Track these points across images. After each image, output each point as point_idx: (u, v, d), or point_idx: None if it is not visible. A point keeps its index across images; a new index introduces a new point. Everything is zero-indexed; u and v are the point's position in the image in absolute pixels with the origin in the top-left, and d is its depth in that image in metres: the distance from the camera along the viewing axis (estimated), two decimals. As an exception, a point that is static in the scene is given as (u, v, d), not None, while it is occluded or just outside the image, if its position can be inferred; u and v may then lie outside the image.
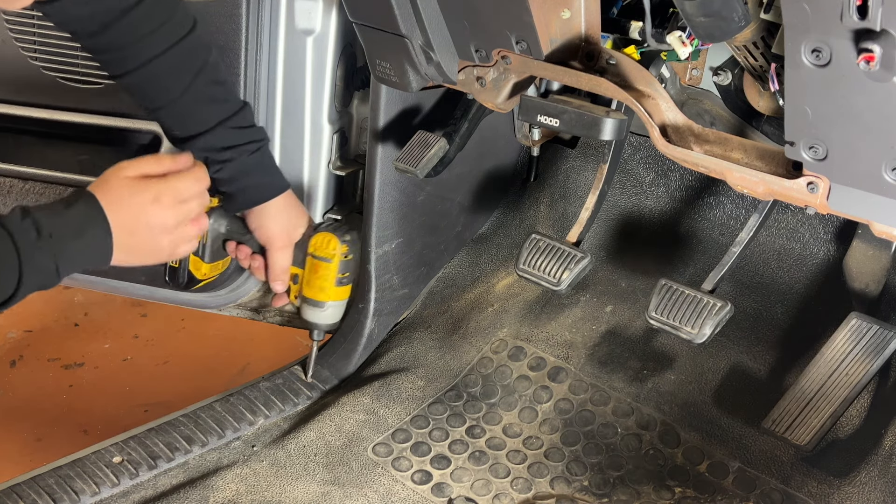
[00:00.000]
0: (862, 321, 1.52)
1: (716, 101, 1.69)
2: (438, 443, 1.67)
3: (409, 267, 1.91)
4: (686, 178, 1.92)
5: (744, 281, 1.81)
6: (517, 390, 1.76)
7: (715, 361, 1.73)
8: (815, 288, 1.76)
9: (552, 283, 1.62)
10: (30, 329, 2.72)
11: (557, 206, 2.04)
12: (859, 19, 1.02)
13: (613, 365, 1.77)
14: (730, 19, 1.22)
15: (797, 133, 1.22)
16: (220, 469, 1.60)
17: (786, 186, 1.29)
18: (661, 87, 1.40)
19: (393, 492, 1.57)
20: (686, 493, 1.54)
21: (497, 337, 1.87)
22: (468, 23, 1.47)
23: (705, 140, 1.39)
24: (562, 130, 1.73)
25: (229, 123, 1.58)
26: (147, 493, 1.55)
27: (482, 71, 1.54)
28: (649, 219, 1.96)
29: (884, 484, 1.46)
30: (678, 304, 1.49)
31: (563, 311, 1.88)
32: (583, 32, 1.42)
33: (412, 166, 1.69)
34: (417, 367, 1.82)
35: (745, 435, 1.61)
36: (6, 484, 1.52)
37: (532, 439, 1.67)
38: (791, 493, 1.52)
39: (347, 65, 1.82)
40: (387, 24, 1.52)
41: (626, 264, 1.94)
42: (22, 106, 1.89)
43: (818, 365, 1.51)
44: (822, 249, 1.77)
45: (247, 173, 1.61)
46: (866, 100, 1.11)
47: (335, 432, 1.67)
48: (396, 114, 1.75)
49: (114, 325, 2.79)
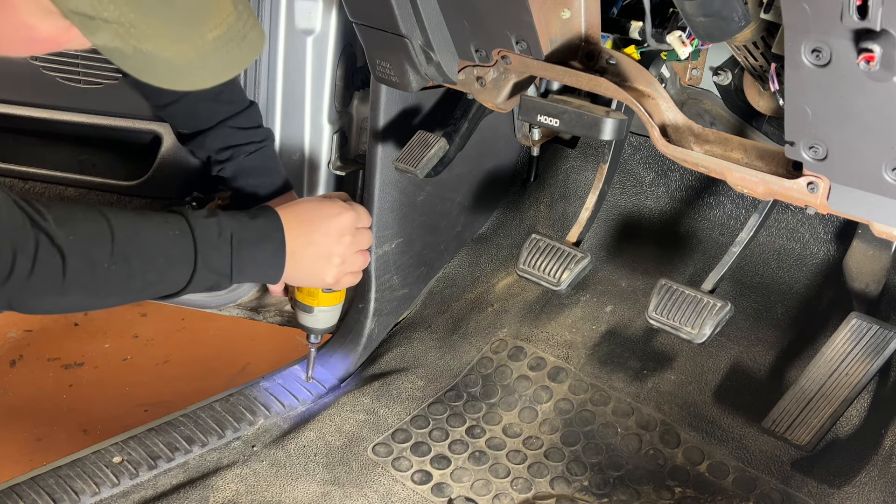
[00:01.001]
0: (862, 321, 1.52)
1: (716, 101, 1.69)
2: (438, 443, 1.67)
3: (409, 267, 1.91)
4: (686, 178, 1.92)
5: (744, 281, 1.81)
6: (517, 390, 1.76)
7: (715, 361, 1.72)
8: (815, 288, 1.76)
9: (552, 283, 1.62)
10: (30, 329, 2.72)
11: (557, 206, 2.04)
12: (859, 19, 1.02)
13: (613, 365, 1.77)
14: (730, 19, 1.21)
15: (797, 133, 1.22)
16: (219, 469, 1.60)
17: (786, 186, 1.29)
18: (661, 86, 1.40)
19: (393, 492, 1.57)
20: (686, 493, 1.54)
21: (497, 337, 1.87)
22: (468, 23, 1.47)
23: (705, 140, 1.39)
24: (562, 130, 1.73)
25: (231, 123, 1.59)
26: (147, 493, 1.55)
27: (482, 71, 1.54)
28: (649, 219, 1.96)
29: (884, 484, 1.46)
30: (678, 304, 1.49)
31: (563, 311, 1.88)
32: (583, 32, 1.42)
33: (412, 166, 1.69)
34: (417, 367, 1.82)
35: (745, 435, 1.61)
36: (6, 484, 1.52)
37: (532, 439, 1.67)
38: (791, 493, 1.52)
39: (347, 65, 1.82)
40: (387, 23, 1.52)
41: (626, 264, 1.94)
42: (22, 106, 1.89)
43: (818, 365, 1.51)
44: (822, 249, 1.77)
45: (245, 174, 1.62)
46: (866, 100, 1.11)
47: (335, 432, 1.67)
48: (396, 114, 1.75)
49: (114, 324, 2.79)
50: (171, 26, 0.96)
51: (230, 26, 1.00)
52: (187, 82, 1.02)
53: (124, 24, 0.93)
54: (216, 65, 1.02)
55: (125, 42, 0.94)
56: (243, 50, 1.03)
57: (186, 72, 1.00)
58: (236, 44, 1.02)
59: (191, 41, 0.98)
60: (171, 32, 0.96)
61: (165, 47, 0.97)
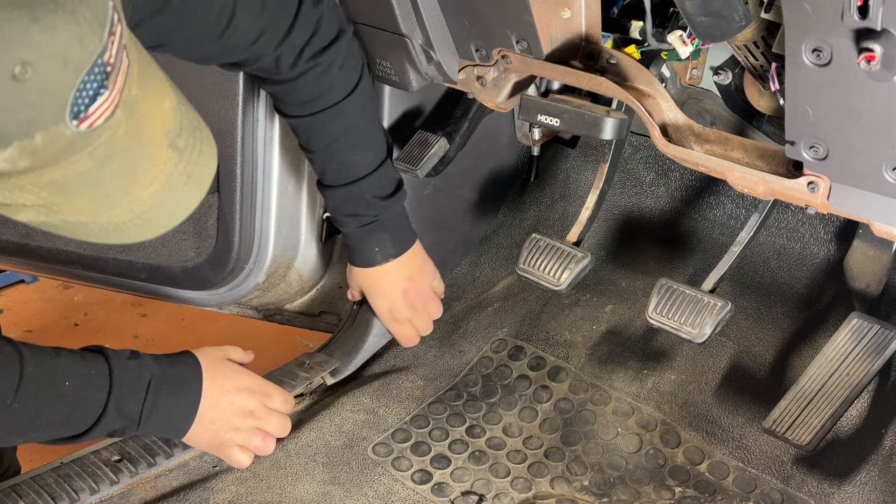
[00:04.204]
0: (863, 321, 1.52)
1: (716, 100, 1.69)
2: (438, 442, 1.67)
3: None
4: (686, 177, 1.92)
5: (744, 281, 1.81)
6: (517, 390, 1.76)
7: (715, 361, 1.72)
8: (815, 288, 1.76)
9: (552, 282, 1.62)
10: (30, 329, 2.72)
11: (557, 206, 2.04)
12: (860, 19, 1.02)
13: (613, 365, 1.77)
14: (730, 19, 1.21)
15: (798, 132, 1.22)
16: (219, 470, 1.59)
17: (786, 186, 1.29)
18: (661, 86, 1.40)
19: (393, 491, 1.57)
20: (686, 493, 1.54)
21: (497, 337, 1.87)
22: (468, 22, 1.47)
23: (706, 140, 1.39)
24: (562, 130, 1.73)
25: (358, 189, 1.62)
26: (147, 494, 1.55)
27: (482, 70, 1.54)
28: (649, 219, 1.96)
29: (884, 484, 1.46)
30: (678, 303, 1.49)
31: (563, 311, 1.88)
32: (583, 32, 1.42)
33: (413, 166, 1.69)
34: (417, 367, 1.82)
35: (745, 435, 1.60)
36: (6, 483, 1.52)
37: (532, 439, 1.67)
38: (791, 493, 1.51)
39: (348, 64, 1.82)
40: (387, 23, 1.52)
41: (626, 264, 1.94)
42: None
43: (819, 365, 1.51)
44: (823, 249, 1.77)
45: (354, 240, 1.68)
46: (867, 99, 1.11)
47: (335, 432, 1.67)
48: (397, 113, 1.75)
49: (114, 324, 2.79)
50: (100, 199, 0.90)
51: (169, 174, 0.94)
52: (129, 236, 0.96)
53: (46, 204, 0.88)
54: (159, 216, 0.96)
55: (53, 218, 0.90)
56: (188, 192, 0.96)
57: (127, 229, 0.94)
58: (180, 187, 0.95)
59: (125, 206, 0.92)
60: (101, 205, 0.90)
61: (98, 216, 0.91)
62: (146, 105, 0.91)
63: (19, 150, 0.81)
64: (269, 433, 1.55)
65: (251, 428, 1.52)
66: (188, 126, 0.96)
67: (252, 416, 1.51)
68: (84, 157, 0.85)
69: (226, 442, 1.50)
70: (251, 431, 1.52)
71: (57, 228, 0.92)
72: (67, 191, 0.87)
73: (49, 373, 1.29)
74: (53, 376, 1.30)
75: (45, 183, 0.85)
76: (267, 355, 2.47)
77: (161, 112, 0.93)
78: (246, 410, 1.50)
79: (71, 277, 1.97)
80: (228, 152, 1.73)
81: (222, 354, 1.52)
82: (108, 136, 0.86)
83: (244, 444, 1.52)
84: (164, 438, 1.61)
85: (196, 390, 1.44)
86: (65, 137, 0.82)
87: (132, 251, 1.82)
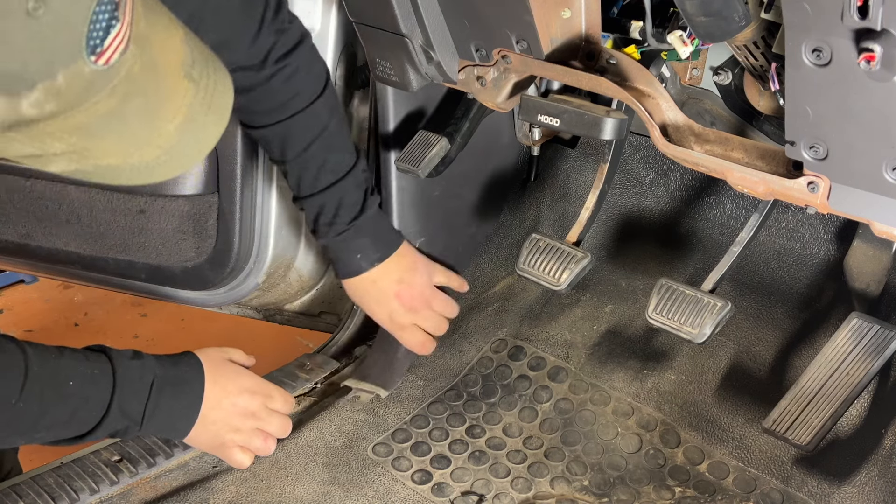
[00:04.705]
0: (863, 321, 1.52)
1: (716, 100, 1.69)
2: (438, 442, 1.67)
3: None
4: (686, 178, 1.92)
5: (744, 281, 1.81)
6: (517, 390, 1.76)
7: (715, 361, 1.72)
8: (815, 288, 1.76)
9: (552, 282, 1.62)
10: (30, 329, 2.72)
11: (557, 206, 2.04)
12: (860, 19, 1.02)
13: (613, 365, 1.77)
14: (730, 19, 1.21)
15: (798, 133, 1.22)
16: (219, 471, 1.59)
17: (786, 186, 1.29)
18: (661, 86, 1.40)
19: (393, 491, 1.57)
20: (686, 493, 1.54)
21: (497, 337, 1.87)
22: (468, 22, 1.47)
23: (706, 140, 1.39)
24: (562, 130, 1.73)
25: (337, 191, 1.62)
26: (147, 494, 1.55)
27: (482, 70, 1.54)
28: (649, 219, 1.96)
29: (884, 484, 1.46)
30: (678, 303, 1.49)
31: (563, 311, 1.88)
32: (583, 32, 1.42)
33: (414, 166, 1.69)
34: (417, 367, 1.82)
35: (745, 435, 1.61)
36: (6, 484, 1.52)
37: (532, 439, 1.67)
38: (791, 493, 1.51)
39: (347, 64, 1.82)
40: (387, 23, 1.52)
41: (626, 264, 1.94)
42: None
43: (819, 365, 1.51)
44: (823, 249, 1.77)
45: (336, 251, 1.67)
46: (867, 99, 1.11)
47: (335, 432, 1.67)
48: (400, 114, 1.75)
49: (114, 324, 2.79)
50: (127, 138, 0.90)
51: (190, 105, 0.94)
52: (160, 174, 0.96)
53: (77, 150, 0.88)
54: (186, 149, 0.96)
55: (84, 164, 0.90)
56: (210, 122, 0.97)
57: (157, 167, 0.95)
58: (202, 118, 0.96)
59: (152, 142, 0.93)
60: (128, 144, 0.91)
61: (128, 156, 0.92)
62: (156, 39, 0.91)
63: (44, 92, 0.81)
64: (269, 434, 1.55)
65: (252, 429, 1.52)
66: (199, 57, 0.97)
67: (253, 417, 1.52)
68: (105, 97, 0.86)
69: (227, 442, 1.50)
70: (252, 432, 1.52)
71: (89, 175, 0.93)
72: (94, 133, 0.88)
73: (53, 372, 1.30)
74: (57, 376, 1.30)
75: (72, 127, 0.86)
76: (267, 355, 2.47)
77: (172, 45, 0.93)
78: (247, 411, 1.50)
79: (71, 277, 1.97)
80: (228, 152, 1.73)
81: (224, 355, 1.52)
82: (126, 72, 0.87)
83: (245, 444, 1.52)
84: (165, 438, 1.61)
85: (198, 391, 1.44)
86: (84, 76, 0.83)
87: (132, 251, 1.82)
